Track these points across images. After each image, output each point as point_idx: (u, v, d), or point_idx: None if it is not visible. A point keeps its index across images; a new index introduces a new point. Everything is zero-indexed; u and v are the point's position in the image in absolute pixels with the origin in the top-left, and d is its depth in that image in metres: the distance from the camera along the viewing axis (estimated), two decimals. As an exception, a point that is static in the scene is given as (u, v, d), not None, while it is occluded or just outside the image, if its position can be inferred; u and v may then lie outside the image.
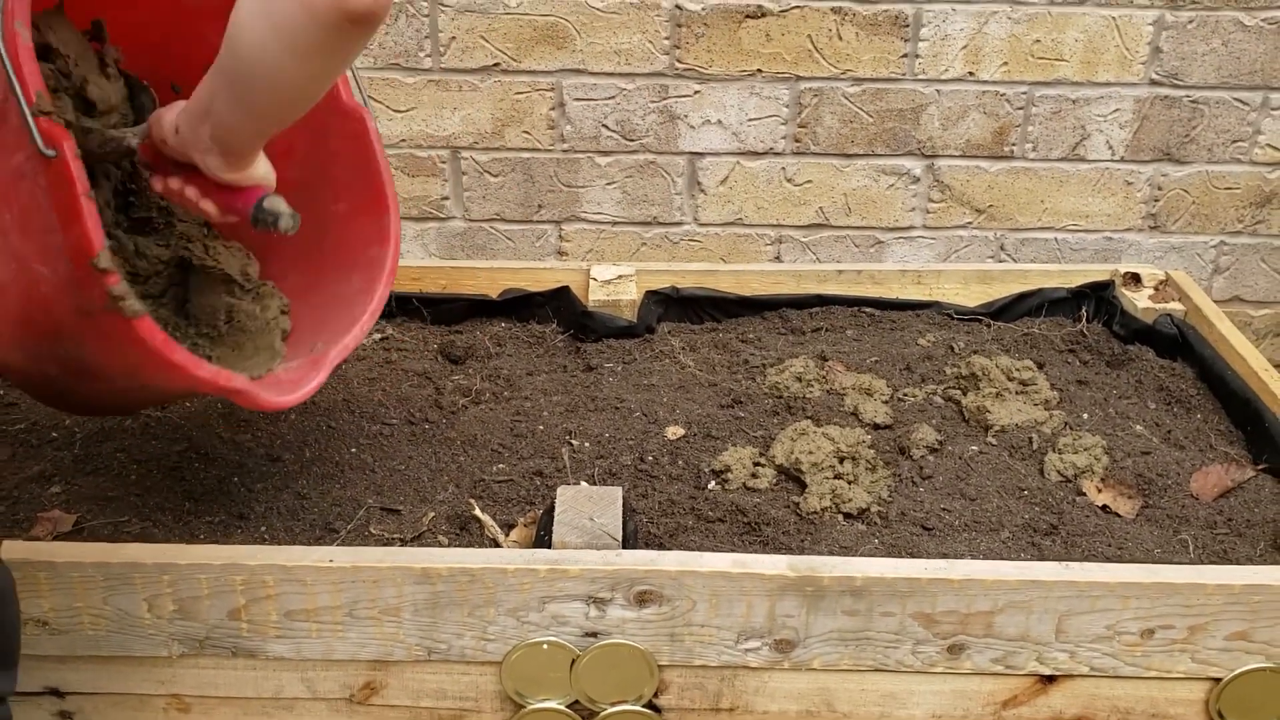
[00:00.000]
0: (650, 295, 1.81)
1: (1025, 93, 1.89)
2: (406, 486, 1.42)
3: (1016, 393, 1.61)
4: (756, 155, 1.93)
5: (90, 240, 1.04)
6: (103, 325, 1.09)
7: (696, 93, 1.88)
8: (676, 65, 1.86)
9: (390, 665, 1.21)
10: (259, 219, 1.13)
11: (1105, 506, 1.41)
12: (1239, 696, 1.22)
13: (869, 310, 1.84)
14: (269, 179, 1.16)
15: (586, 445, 1.50)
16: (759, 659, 1.20)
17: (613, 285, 1.80)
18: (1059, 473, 1.46)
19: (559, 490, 1.29)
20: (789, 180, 1.95)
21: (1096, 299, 1.85)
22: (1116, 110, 1.90)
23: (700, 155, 1.93)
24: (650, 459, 1.46)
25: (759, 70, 1.86)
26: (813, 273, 1.86)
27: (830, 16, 1.83)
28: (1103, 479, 1.45)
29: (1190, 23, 1.84)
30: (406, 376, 1.66)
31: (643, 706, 1.22)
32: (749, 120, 1.90)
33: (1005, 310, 1.85)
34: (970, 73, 1.87)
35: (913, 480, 1.44)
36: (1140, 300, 1.79)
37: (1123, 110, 1.90)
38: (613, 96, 1.88)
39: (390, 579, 1.16)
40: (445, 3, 1.82)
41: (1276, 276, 2.03)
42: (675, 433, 1.52)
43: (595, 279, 1.81)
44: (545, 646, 1.19)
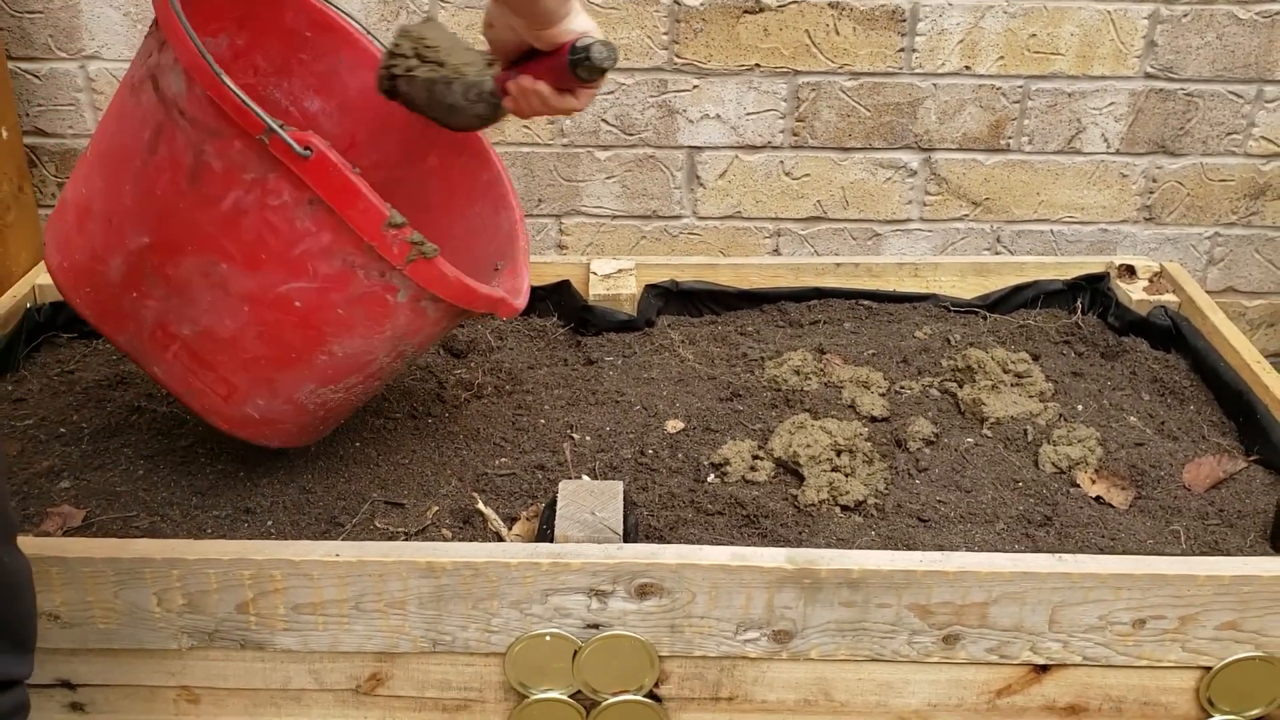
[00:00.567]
0: (650, 289, 1.83)
1: (1021, 86, 1.90)
2: (410, 480, 1.44)
3: (1012, 385, 1.63)
4: (755, 149, 1.94)
5: (378, 207, 1.15)
6: (375, 298, 1.21)
7: (695, 87, 1.89)
8: (675, 60, 1.87)
9: (396, 657, 1.24)
10: (575, 61, 1.18)
11: (1099, 497, 1.43)
12: (1229, 685, 1.24)
13: (866, 303, 1.86)
14: (586, 26, 1.20)
15: (588, 439, 1.52)
16: (758, 649, 1.23)
17: (613, 279, 1.82)
18: (1053, 464, 1.48)
19: (561, 484, 1.31)
20: (787, 174, 1.96)
21: (1092, 291, 1.87)
22: (1112, 103, 1.92)
23: (699, 149, 1.94)
24: (650, 452, 1.48)
25: (757, 65, 1.88)
26: (811, 266, 1.88)
27: (827, 11, 1.84)
28: (1096, 470, 1.47)
29: (1185, 16, 1.86)
30: (409, 370, 1.67)
31: (644, 696, 1.24)
32: (747, 114, 1.91)
33: (1001, 302, 1.87)
34: (966, 67, 1.89)
35: (909, 472, 1.46)
36: (1135, 292, 1.81)
37: (1118, 103, 1.92)
38: (612, 91, 1.89)
39: (395, 573, 1.18)
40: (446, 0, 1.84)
41: (1270, 267, 2.05)
42: (675, 426, 1.54)
43: (595, 273, 1.82)
44: (548, 638, 1.21)
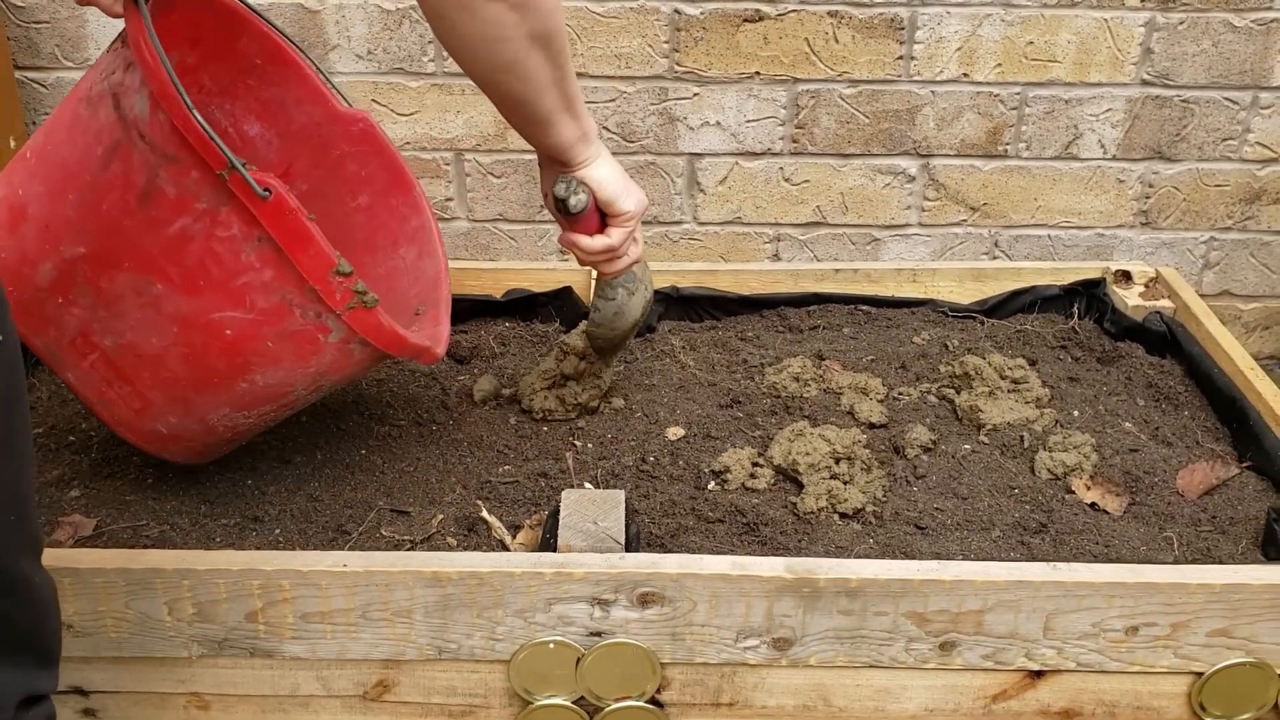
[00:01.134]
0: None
1: (1019, 93, 1.92)
2: (415, 488, 1.46)
3: (1009, 391, 1.64)
4: (755, 155, 1.96)
5: (328, 254, 1.18)
6: (306, 336, 1.23)
7: (695, 95, 1.91)
8: (676, 68, 1.89)
9: (402, 664, 1.26)
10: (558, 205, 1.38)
11: (1093, 504, 1.45)
12: (1220, 690, 1.27)
13: (865, 308, 1.88)
14: (606, 172, 1.36)
15: (589, 446, 1.54)
16: (758, 657, 1.25)
17: (614, 286, 1.83)
18: (1049, 471, 1.50)
19: (563, 493, 1.33)
20: (787, 180, 1.98)
21: (1088, 296, 1.89)
22: (1109, 110, 1.94)
23: (699, 156, 1.96)
24: (651, 459, 1.50)
25: (757, 73, 1.90)
26: (810, 271, 1.89)
27: (827, 20, 1.86)
28: (1091, 477, 1.49)
29: (1181, 24, 1.87)
30: (413, 377, 1.69)
31: (646, 702, 1.27)
32: (747, 121, 1.93)
33: (999, 307, 1.88)
34: (965, 74, 1.91)
35: (907, 480, 1.48)
36: (1130, 298, 1.83)
37: (1115, 110, 1.93)
38: (613, 99, 1.91)
39: (402, 582, 1.20)
40: (448, 8, 1.85)
41: (1265, 271, 2.07)
42: (676, 433, 1.56)
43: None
44: (551, 646, 1.24)
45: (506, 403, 1.64)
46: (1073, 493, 1.47)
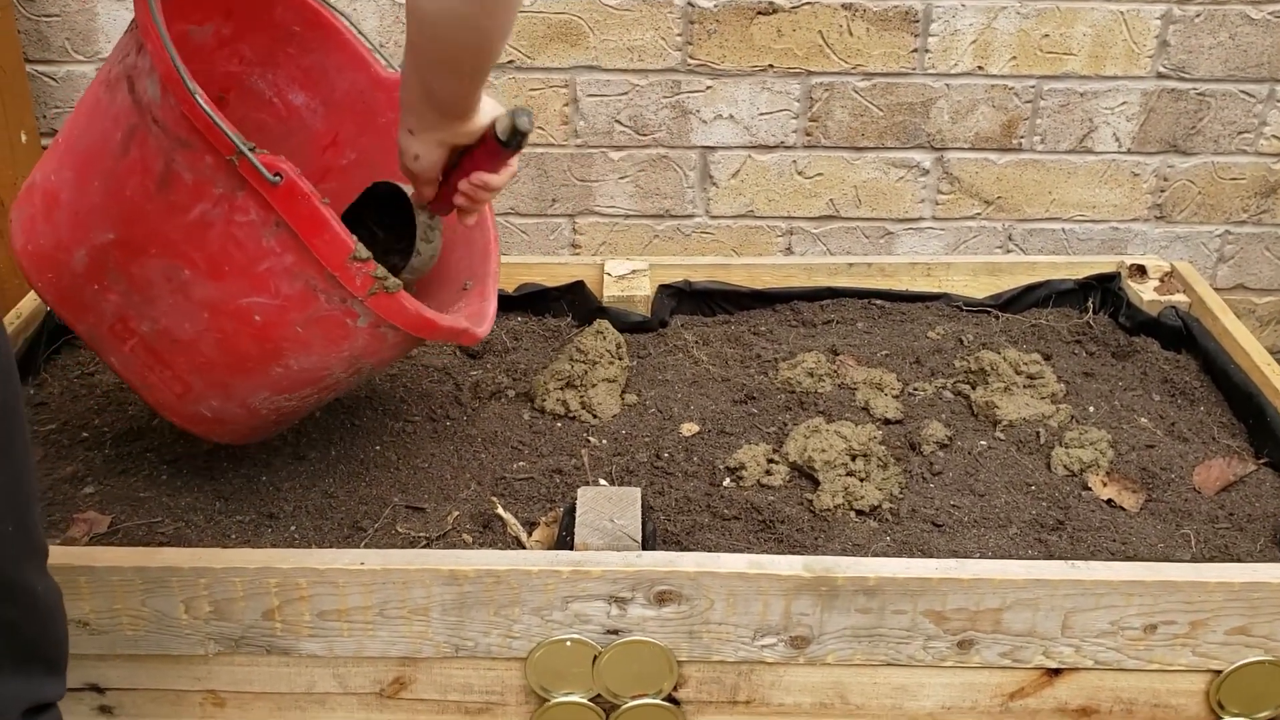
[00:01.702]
0: (663, 289, 1.85)
1: (1034, 86, 1.91)
2: (430, 484, 1.45)
3: (1024, 386, 1.64)
4: (768, 149, 1.95)
5: (344, 240, 1.15)
6: (334, 320, 1.21)
7: (708, 88, 1.90)
8: (689, 61, 1.88)
9: (419, 661, 1.26)
10: (511, 140, 1.20)
11: (1110, 500, 1.45)
12: (1239, 688, 1.26)
13: (879, 302, 1.87)
14: (492, 106, 1.23)
15: (604, 442, 1.53)
16: (775, 655, 1.25)
17: (627, 280, 1.83)
18: (1065, 467, 1.49)
19: (580, 491, 1.33)
20: (800, 173, 1.97)
21: (1103, 290, 1.88)
22: (1124, 103, 1.92)
23: (712, 149, 1.95)
24: (666, 456, 1.50)
25: (770, 66, 1.89)
26: (823, 265, 1.89)
27: (841, 13, 1.85)
28: (1108, 473, 1.49)
29: (1197, 16, 1.86)
30: (427, 372, 1.69)
31: (663, 700, 1.27)
32: (760, 114, 1.92)
33: (1013, 302, 1.88)
34: (979, 67, 1.89)
35: (923, 476, 1.47)
36: (1145, 292, 1.82)
37: (1130, 103, 1.92)
38: (626, 92, 1.90)
39: (419, 580, 1.20)
40: (460, 1, 1.84)
41: (1281, 265, 2.06)
42: (690, 429, 1.56)
43: (610, 274, 1.84)
44: (568, 643, 1.24)
45: (519, 398, 1.63)
46: (1089, 489, 1.46)
